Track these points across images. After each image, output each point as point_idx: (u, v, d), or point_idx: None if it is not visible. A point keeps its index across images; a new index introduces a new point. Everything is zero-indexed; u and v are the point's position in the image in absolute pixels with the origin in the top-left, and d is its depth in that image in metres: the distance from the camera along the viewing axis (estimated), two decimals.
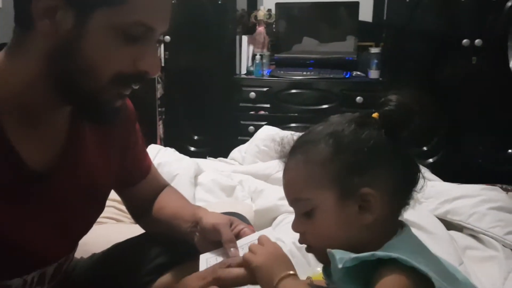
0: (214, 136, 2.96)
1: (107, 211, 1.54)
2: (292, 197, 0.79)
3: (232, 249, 0.92)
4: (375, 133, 0.74)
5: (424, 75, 2.66)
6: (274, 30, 3.10)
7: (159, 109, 2.96)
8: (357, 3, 2.94)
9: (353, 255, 0.69)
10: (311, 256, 1.36)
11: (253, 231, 0.99)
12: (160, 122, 3.00)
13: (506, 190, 1.95)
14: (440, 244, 1.43)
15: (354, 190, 0.73)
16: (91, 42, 0.71)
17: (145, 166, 1.11)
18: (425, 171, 0.79)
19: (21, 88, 0.74)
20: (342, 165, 0.73)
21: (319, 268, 1.30)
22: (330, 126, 0.77)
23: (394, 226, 0.76)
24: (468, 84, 2.62)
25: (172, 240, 1.06)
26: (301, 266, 1.29)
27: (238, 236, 0.96)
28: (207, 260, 0.93)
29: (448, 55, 2.64)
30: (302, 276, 1.23)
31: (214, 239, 0.95)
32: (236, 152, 2.32)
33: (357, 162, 0.73)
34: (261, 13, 3.07)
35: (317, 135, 0.77)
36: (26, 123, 0.77)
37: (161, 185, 1.16)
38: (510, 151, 2.68)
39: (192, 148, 2.99)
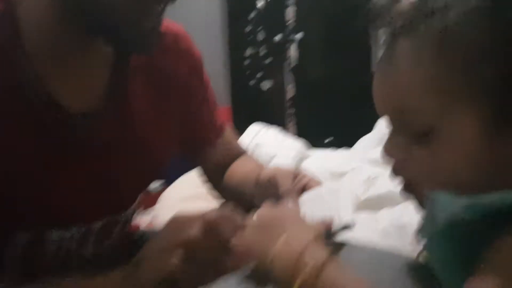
0: (347, 140, 2.77)
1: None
2: (397, 104, 0.48)
3: (291, 200, 0.74)
4: None
5: None
6: None
7: (289, 110, 2.88)
8: None
9: (470, 200, 0.40)
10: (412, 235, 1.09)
11: None
12: (291, 124, 2.90)
13: None
14: None
15: None
16: None
17: (216, 128, 0.95)
18: None
19: (38, 24, 0.67)
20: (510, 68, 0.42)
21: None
22: None
23: None
24: None
25: None
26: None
27: (303, 190, 0.77)
28: None
29: None
30: None
31: (274, 195, 0.77)
32: (360, 142, 2.03)
33: None
34: None
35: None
36: (60, 64, 0.70)
37: (237, 153, 0.99)
38: None
39: None
